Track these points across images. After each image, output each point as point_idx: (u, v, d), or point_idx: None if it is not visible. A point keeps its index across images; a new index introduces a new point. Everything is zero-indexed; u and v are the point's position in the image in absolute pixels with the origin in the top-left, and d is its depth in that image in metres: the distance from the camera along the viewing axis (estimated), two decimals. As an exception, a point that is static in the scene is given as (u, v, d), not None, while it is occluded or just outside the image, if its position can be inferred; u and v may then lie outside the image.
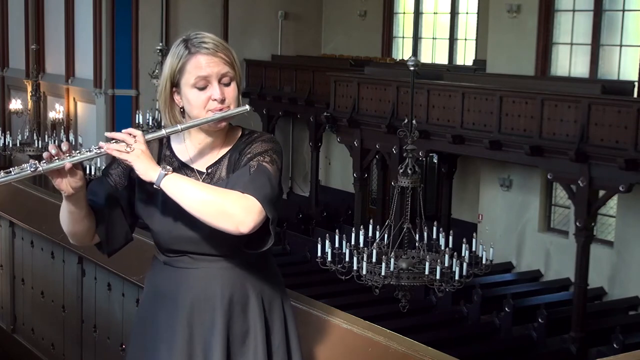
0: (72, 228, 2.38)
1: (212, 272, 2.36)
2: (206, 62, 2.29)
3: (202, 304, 2.36)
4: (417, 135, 9.00)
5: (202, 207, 2.18)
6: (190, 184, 2.21)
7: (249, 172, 2.26)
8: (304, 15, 19.47)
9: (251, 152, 2.32)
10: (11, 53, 22.85)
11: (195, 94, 2.30)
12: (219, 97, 2.29)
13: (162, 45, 12.39)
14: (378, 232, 8.71)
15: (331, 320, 2.90)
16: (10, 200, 5.21)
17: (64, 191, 2.26)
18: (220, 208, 2.16)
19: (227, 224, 2.16)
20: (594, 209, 11.39)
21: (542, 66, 14.02)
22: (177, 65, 2.31)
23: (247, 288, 2.39)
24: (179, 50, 2.32)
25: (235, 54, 2.35)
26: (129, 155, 2.19)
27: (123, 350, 3.91)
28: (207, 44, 2.29)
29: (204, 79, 2.29)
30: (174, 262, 2.40)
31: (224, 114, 2.30)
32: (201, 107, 2.31)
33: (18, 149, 14.16)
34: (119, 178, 2.42)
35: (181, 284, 2.38)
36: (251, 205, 2.17)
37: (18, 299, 5.02)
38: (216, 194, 2.20)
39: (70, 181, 2.24)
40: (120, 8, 17.63)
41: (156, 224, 2.38)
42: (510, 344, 11.39)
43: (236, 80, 2.34)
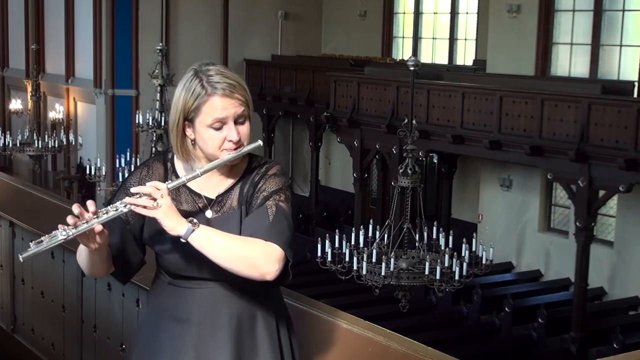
0: (90, 271, 2.43)
1: (219, 292, 2.37)
2: (223, 105, 2.29)
3: (209, 323, 2.36)
4: (417, 135, 9.00)
5: (230, 259, 2.22)
6: (217, 237, 2.23)
7: (268, 216, 2.29)
8: (304, 15, 19.47)
9: (266, 189, 2.35)
10: (11, 53, 22.86)
11: (211, 134, 2.31)
12: (235, 139, 2.31)
13: (162, 45, 12.38)
14: (378, 232, 8.71)
15: (331, 320, 2.90)
16: (10, 200, 5.21)
17: (89, 248, 2.28)
18: (248, 260, 2.22)
19: (254, 274, 2.23)
20: (594, 209, 11.39)
21: (542, 66, 14.02)
22: (193, 104, 2.30)
23: (254, 308, 2.40)
24: (193, 87, 2.30)
25: (248, 91, 2.36)
26: (156, 212, 2.19)
27: (123, 350, 3.91)
28: (223, 84, 2.28)
29: (221, 121, 2.30)
30: (181, 283, 2.40)
31: (239, 153, 2.33)
32: (217, 147, 2.32)
33: (18, 149, 14.17)
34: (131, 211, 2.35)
35: (187, 303, 2.38)
36: (275, 254, 2.23)
37: (18, 299, 5.02)
38: (242, 246, 2.23)
39: (97, 238, 2.25)
40: (120, 8, 17.63)
41: (167, 253, 2.37)
42: (510, 344, 11.39)
43: (249, 117, 2.36)
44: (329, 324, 2.88)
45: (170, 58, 16.17)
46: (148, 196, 2.20)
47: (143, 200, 2.20)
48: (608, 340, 10.48)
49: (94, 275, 2.48)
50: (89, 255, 2.34)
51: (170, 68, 12.66)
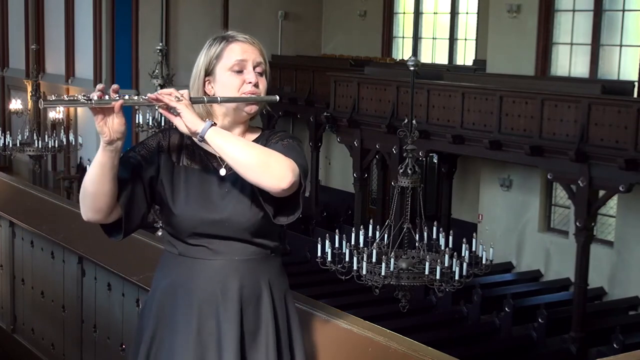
0: (96, 188, 2.28)
1: (229, 265, 2.40)
2: (243, 49, 2.43)
3: (218, 296, 2.39)
4: (417, 135, 9.00)
5: (247, 158, 2.23)
6: (234, 137, 2.29)
7: (282, 146, 2.36)
8: (304, 15, 19.47)
9: (278, 138, 2.43)
10: (11, 53, 22.87)
11: (230, 77, 2.41)
12: (253, 80, 2.41)
13: (162, 45, 12.38)
14: (378, 232, 8.70)
15: (331, 320, 2.90)
16: (10, 200, 5.21)
17: (105, 135, 2.21)
18: (265, 162, 2.23)
19: (270, 178, 2.22)
20: (594, 209, 11.39)
21: (542, 66, 14.02)
22: (215, 52, 2.44)
23: (260, 283, 2.44)
24: (215, 42, 2.46)
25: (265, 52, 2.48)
26: (179, 103, 2.23)
27: (123, 350, 3.91)
28: (244, 36, 2.46)
29: (241, 62, 2.41)
30: (191, 252, 2.41)
31: (257, 97, 2.41)
32: (236, 89, 2.41)
33: (18, 149, 14.15)
34: (144, 159, 2.40)
35: (198, 276, 2.40)
36: (291, 164, 2.26)
37: (18, 299, 5.02)
38: (260, 149, 2.28)
39: (115, 123, 2.21)
40: (120, 8, 17.64)
41: (179, 207, 2.38)
42: (510, 344, 11.39)
43: (266, 74, 2.46)
44: (329, 324, 2.88)
45: (170, 58, 16.17)
46: (169, 96, 2.24)
47: (168, 97, 2.24)
48: (608, 340, 10.47)
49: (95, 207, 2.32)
50: (100, 158, 2.25)
51: (170, 68, 12.67)
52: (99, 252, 4.07)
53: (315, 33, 19.64)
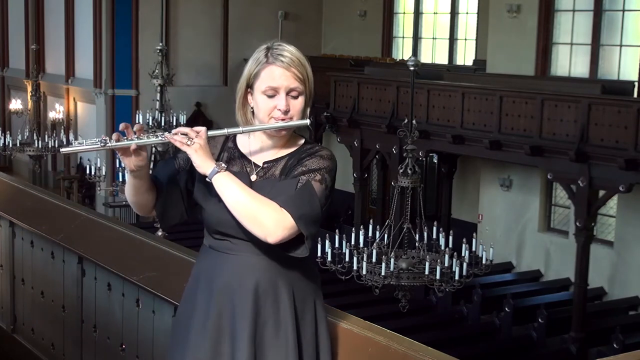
0: (133, 198, 2.59)
1: (249, 261, 2.50)
2: (278, 74, 2.47)
3: (235, 290, 2.50)
4: (417, 135, 9.00)
5: (240, 208, 2.39)
6: (236, 186, 2.41)
7: (295, 187, 2.43)
8: (304, 15, 19.47)
9: (307, 165, 2.48)
10: (11, 53, 22.88)
11: (263, 100, 2.49)
12: (283, 108, 2.47)
13: (162, 45, 12.38)
14: (378, 232, 8.71)
15: (331, 320, 2.90)
16: (10, 200, 5.21)
17: (127, 167, 2.48)
18: (255, 216, 2.37)
19: (257, 231, 2.38)
20: (594, 209, 11.39)
21: (542, 66, 14.03)
22: (254, 70, 2.51)
23: (278, 280, 2.51)
24: (259, 56, 2.53)
25: (309, 71, 2.53)
26: (188, 148, 2.40)
27: (123, 350, 3.91)
28: (284, 58, 2.49)
29: (273, 89, 2.47)
30: (218, 246, 2.55)
31: (284, 124, 2.48)
32: (266, 113, 2.49)
33: (18, 149, 14.15)
34: (184, 162, 2.59)
35: (220, 268, 2.53)
36: (284, 220, 2.36)
37: (18, 299, 5.02)
38: (256, 202, 2.39)
39: (134, 160, 2.45)
40: (120, 8, 17.64)
41: (209, 206, 2.52)
42: (510, 344, 11.39)
43: (305, 95, 2.52)
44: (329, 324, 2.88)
45: (170, 58, 16.19)
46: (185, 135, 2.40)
47: (179, 136, 2.40)
48: (608, 340, 10.47)
49: (138, 209, 2.63)
50: (131, 180, 2.53)
51: (170, 68, 12.68)
52: (99, 252, 4.07)
53: (315, 33, 19.64)
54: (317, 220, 2.43)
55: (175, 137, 2.40)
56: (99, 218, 4.53)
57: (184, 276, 3.32)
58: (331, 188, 2.49)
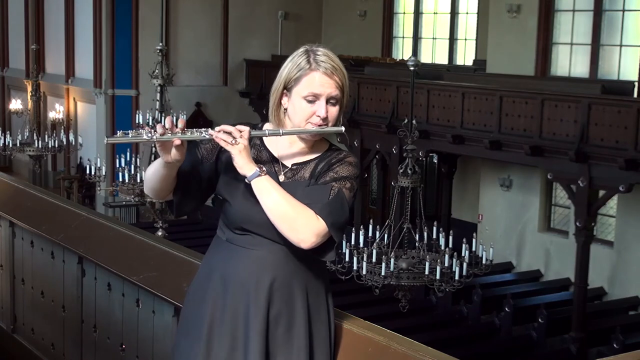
0: (154, 184, 2.59)
1: (267, 256, 2.53)
2: (321, 82, 2.50)
3: (252, 284, 2.52)
4: (417, 135, 9.00)
5: (278, 214, 2.42)
6: (275, 191, 2.43)
7: (329, 194, 2.48)
8: (304, 15, 19.47)
9: (338, 172, 2.53)
10: (11, 53, 22.87)
11: (303, 105, 2.51)
12: (323, 115, 2.51)
13: (162, 45, 12.37)
14: (378, 232, 8.71)
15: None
16: (10, 200, 5.21)
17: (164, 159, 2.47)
18: (293, 221, 2.41)
19: (293, 236, 2.42)
20: (594, 209, 11.39)
21: (542, 66, 14.03)
22: (296, 74, 2.51)
23: (294, 277, 2.54)
24: (301, 60, 2.52)
25: (347, 78, 2.60)
26: (233, 147, 2.41)
27: (123, 350, 3.91)
28: (327, 64, 2.51)
29: (315, 96, 2.51)
30: (236, 240, 2.56)
31: (321, 129, 2.52)
32: (305, 118, 2.52)
33: (18, 149, 14.16)
34: (208, 153, 2.60)
35: (237, 263, 2.54)
36: (319, 228, 2.41)
37: (18, 299, 5.01)
38: (294, 208, 2.42)
39: (173, 154, 2.44)
40: (120, 8, 17.63)
41: (236, 201, 2.53)
42: (510, 344, 11.39)
43: (341, 103, 2.58)
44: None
45: (170, 58, 16.18)
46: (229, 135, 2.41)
47: (225, 135, 2.41)
48: (608, 340, 10.47)
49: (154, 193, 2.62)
50: (159, 167, 2.51)
51: (170, 68, 12.66)
52: (99, 252, 4.07)
53: (315, 33, 19.62)
54: (344, 227, 2.50)
55: (220, 136, 2.41)
56: (99, 218, 4.53)
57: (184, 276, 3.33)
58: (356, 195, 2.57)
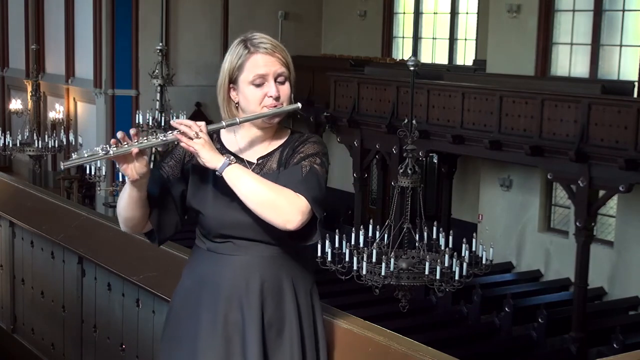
0: (129, 213, 2.49)
1: (253, 261, 2.48)
2: (264, 61, 2.45)
3: (242, 290, 2.47)
4: (417, 135, 9.00)
5: (257, 199, 2.33)
6: (249, 176, 2.36)
7: (301, 172, 2.41)
8: (304, 15, 19.47)
9: (304, 152, 2.46)
10: (11, 53, 22.87)
11: (252, 90, 2.46)
12: (274, 94, 2.45)
13: (162, 45, 12.38)
14: (378, 232, 8.71)
15: (331, 320, 2.90)
16: (10, 200, 5.21)
17: (129, 176, 2.38)
18: (274, 203, 2.32)
19: (277, 219, 2.33)
20: (594, 209, 11.39)
21: (542, 66, 14.02)
22: (237, 63, 2.46)
23: (282, 277, 2.51)
24: (238, 49, 2.47)
25: (289, 56, 2.52)
26: (194, 142, 2.33)
27: (123, 350, 3.91)
28: (266, 44, 2.46)
29: (262, 77, 2.45)
30: (218, 249, 2.50)
31: (278, 110, 2.46)
32: (257, 103, 2.46)
33: (18, 149, 14.16)
34: (172, 170, 2.54)
35: (223, 271, 2.49)
36: (301, 204, 2.33)
37: (18, 299, 5.02)
38: (272, 189, 2.34)
39: (137, 166, 2.36)
40: (120, 8, 17.63)
41: (208, 209, 2.48)
42: (510, 344, 11.39)
43: (290, 80, 2.50)
44: (329, 324, 2.88)
45: (170, 58, 16.18)
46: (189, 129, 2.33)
47: (187, 129, 2.32)
48: (608, 340, 10.47)
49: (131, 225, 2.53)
50: (129, 191, 2.43)
51: (170, 68, 12.68)
52: (99, 252, 4.08)
53: (315, 33, 19.63)
54: (324, 202, 2.42)
55: (182, 129, 2.33)
56: (99, 218, 4.53)
57: (184, 276, 3.33)
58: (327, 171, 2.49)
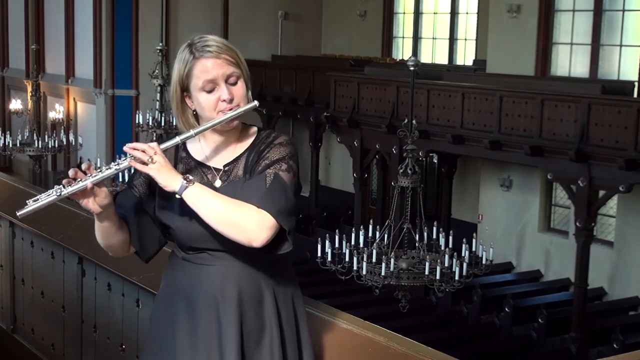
0: (107, 242, 2.48)
1: (229, 270, 2.41)
2: (211, 65, 2.35)
3: (219, 300, 2.40)
4: (417, 135, 9.00)
5: (219, 219, 2.27)
6: (209, 196, 2.29)
7: (265, 183, 2.33)
8: (304, 15, 19.47)
9: (269, 157, 2.38)
10: (11, 53, 22.85)
11: (204, 97, 2.38)
12: (227, 97, 2.37)
13: (162, 45, 12.38)
14: (378, 232, 8.71)
15: (331, 320, 2.90)
16: (10, 200, 5.21)
17: (91, 210, 2.34)
18: (236, 222, 2.26)
19: (241, 238, 2.27)
20: (594, 209, 11.39)
21: (542, 66, 14.02)
22: (184, 70, 2.38)
23: (261, 285, 2.44)
24: (184, 55, 2.38)
25: (239, 53, 2.42)
26: (149, 168, 2.27)
27: (123, 350, 3.91)
28: (211, 47, 2.36)
29: (211, 82, 2.36)
30: (193, 259, 2.45)
31: (233, 113, 2.37)
32: (212, 109, 2.38)
33: (18, 149, 14.15)
34: (142, 187, 2.49)
35: (199, 281, 2.42)
36: (265, 220, 2.26)
37: (18, 299, 5.02)
38: (233, 208, 2.28)
39: (97, 200, 2.32)
40: (120, 8, 17.63)
41: (176, 223, 2.42)
42: (510, 344, 11.39)
43: (243, 78, 2.43)
44: (329, 324, 2.88)
45: (170, 58, 16.15)
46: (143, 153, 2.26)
47: (140, 154, 2.26)
48: (608, 340, 10.47)
49: (113, 252, 2.52)
50: (98, 224, 2.41)
51: (170, 68, 12.63)
52: (99, 252, 4.06)
53: (315, 33, 19.63)
54: (294, 211, 2.33)
55: (136, 155, 2.26)
56: (99, 218, 4.52)
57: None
58: (298, 173, 2.40)
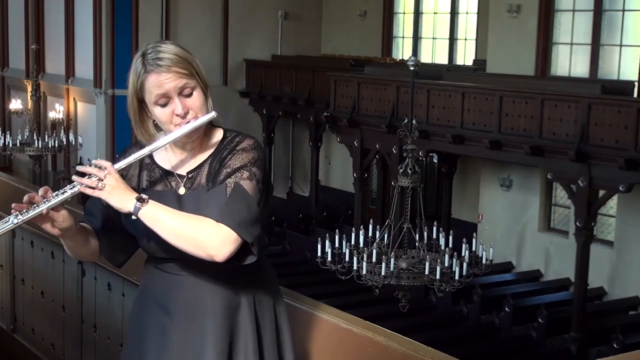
0: (76, 254, 2.48)
1: (202, 278, 2.35)
2: (162, 80, 2.27)
3: (192, 310, 2.36)
4: (417, 135, 9.00)
5: (176, 237, 2.20)
6: (165, 214, 2.21)
7: (225, 194, 2.24)
8: (304, 15, 19.46)
9: (231, 165, 2.29)
10: (11, 53, 22.85)
11: (159, 110, 2.31)
12: (181, 112, 2.28)
13: (162, 45, 12.36)
14: (378, 232, 8.71)
15: (331, 320, 2.90)
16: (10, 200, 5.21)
17: (52, 233, 2.30)
18: (194, 239, 2.19)
19: (201, 254, 2.20)
20: (594, 209, 11.39)
21: (542, 66, 14.02)
22: (137, 83, 2.30)
23: (237, 292, 2.38)
24: (137, 66, 2.30)
25: (195, 62, 2.32)
26: (101, 192, 2.20)
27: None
28: (162, 60, 2.26)
29: (164, 96, 2.28)
30: (163, 267, 2.40)
31: (191, 125, 2.29)
32: (167, 122, 2.31)
33: (18, 149, 14.16)
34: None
35: (171, 290, 2.38)
36: (225, 235, 2.18)
37: (18, 299, 5.02)
38: (191, 225, 2.20)
39: (56, 223, 2.28)
40: (120, 8, 17.63)
41: (141, 233, 2.35)
42: (510, 344, 11.39)
43: (200, 87, 2.31)
44: (329, 324, 2.88)
45: (170, 58, 16.14)
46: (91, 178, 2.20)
47: (87, 180, 2.20)
48: (608, 340, 10.47)
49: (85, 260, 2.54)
50: (66, 242, 2.39)
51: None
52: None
53: (315, 33, 19.62)
54: (257, 220, 2.23)
55: (85, 182, 2.18)
56: (99, 218, 4.52)
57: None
58: (264, 179, 2.31)
